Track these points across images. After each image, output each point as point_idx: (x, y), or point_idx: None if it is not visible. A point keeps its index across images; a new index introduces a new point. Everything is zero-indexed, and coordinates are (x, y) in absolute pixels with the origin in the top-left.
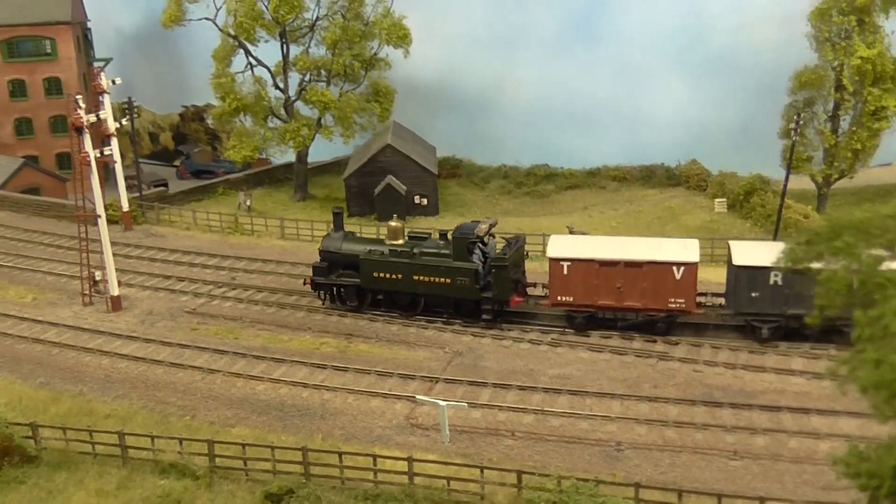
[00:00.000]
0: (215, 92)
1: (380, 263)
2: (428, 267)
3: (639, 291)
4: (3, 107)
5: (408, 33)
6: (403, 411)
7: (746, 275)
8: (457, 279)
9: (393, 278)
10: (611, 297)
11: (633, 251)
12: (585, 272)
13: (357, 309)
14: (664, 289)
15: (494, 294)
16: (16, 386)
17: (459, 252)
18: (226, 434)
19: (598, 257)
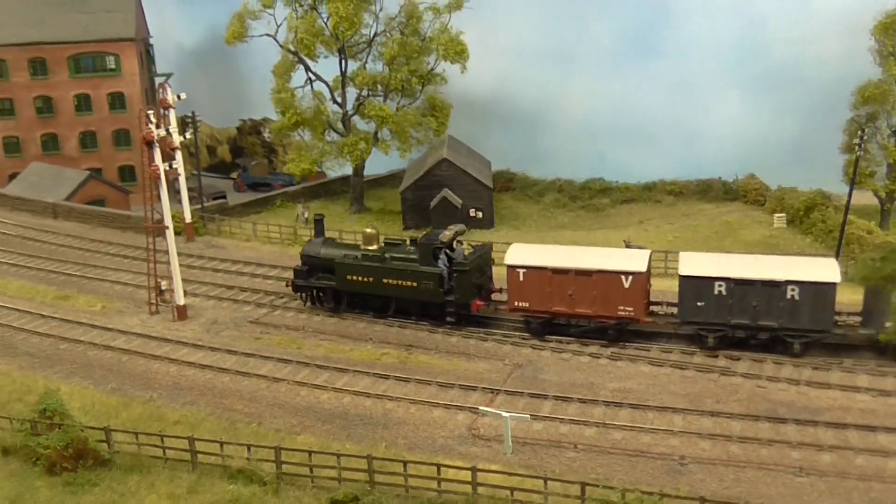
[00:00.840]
0: (275, 107)
1: (353, 267)
2: (396, 271)
3: (589, 299)
4: (69, 121)
5: (465, 48)
6: (465, 422)
7: (692, 284)
8: (422, 283)
9: (365, 281)
10: (563, 303)
11: (583, 260)
12: (539, 279)
13: (334, 310)
14: (613, 297)
15: (457, 298)
16: (88, 391)
17: (425, 257)
18: (291, 441)
19: (550, 265)
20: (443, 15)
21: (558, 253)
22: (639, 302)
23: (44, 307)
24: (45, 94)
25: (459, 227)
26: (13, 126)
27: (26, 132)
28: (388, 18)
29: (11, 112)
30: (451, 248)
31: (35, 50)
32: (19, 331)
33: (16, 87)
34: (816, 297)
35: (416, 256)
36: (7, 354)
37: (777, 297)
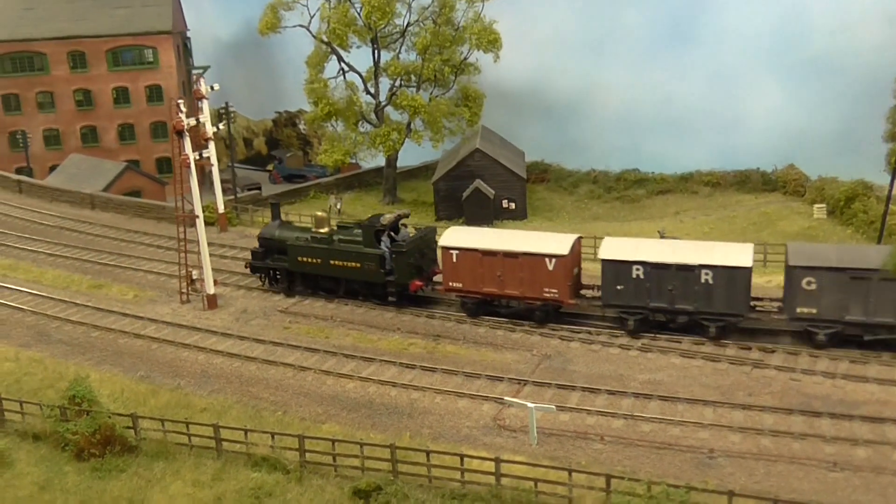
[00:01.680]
0: (308, 97)
1: (303, 249)
2: (342, 252)
3: (517, 280)
4: (107, 113)
5: (498, 38)
6: (491, 412)
7: (612, 268)
8: (365, 264)
9: (314, 262)
10: (493, 284)
11: (511, 243)
12: (471, 261)
13: (288, 290)
14: (539, 279)
15: (396, 278)
16: (118, 378)
17: (368, 239)
18: (316, 430)
19: (479, 247)
20: (476, 4)
21: (490, 236)
22: (563, 284)
23: (78, 296)
24: (84, 87)
25: (403, 212)
26: (54, 119)
27: (66, 125)
28: (421, 8)
29: (52, 105)
30: (396, 230)
31: (75, 43)
32: (53, 319)
33: (56, 80)
34: (730, 281)
35: (361, 239)
36: (41, 342)
37: (692, 281)
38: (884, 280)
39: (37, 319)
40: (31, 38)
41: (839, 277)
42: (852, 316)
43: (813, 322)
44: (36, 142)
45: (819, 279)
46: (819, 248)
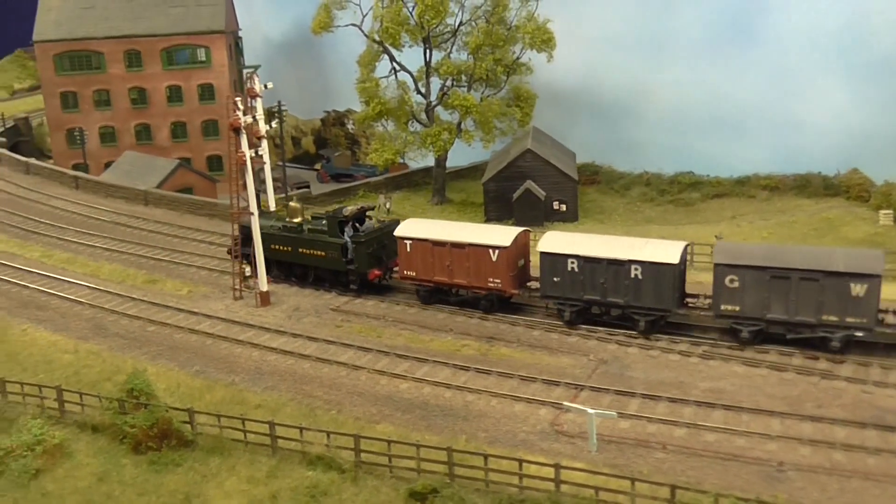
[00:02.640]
0: (360, 96)
1: (275, 237)
2: (309, 241)
3: (464, 270)
4: (161, 111)
5: (552, 37)
6: (548, 417)
7: (549, 261)
8: (329, 252)
9: (285, 250)
10: (443, 273)
11: (459, 234)
12: (423, 251)
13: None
14: (484, 269)
15: (356, 267)
16: (174, 373)
17: (332, 230)
18: (371, 430)
19: (430, 238)
20: (530, 3)
21: (441, 227)
22: (505, 275)
23: (134, 290)
24: (139, 85)
25: (367, 206)
26: (109, 116)
27: (121, 122)
28: (474, 7)
29: (108, 103)
30: (362, 222)
31: (130, 43)
32: (110, 312)
33: (112, 78)
34: (657, 277)
35: (326, 229)
36: (98, 335)
37: (622, 275)
38: (803, 280)
39: (94, 312)
40: (89, 37)
41: (760, 276)
42: (774, 314)
43: (737, 319)
44: (92, 139)
45: (741, 277)
46: (745, 247)
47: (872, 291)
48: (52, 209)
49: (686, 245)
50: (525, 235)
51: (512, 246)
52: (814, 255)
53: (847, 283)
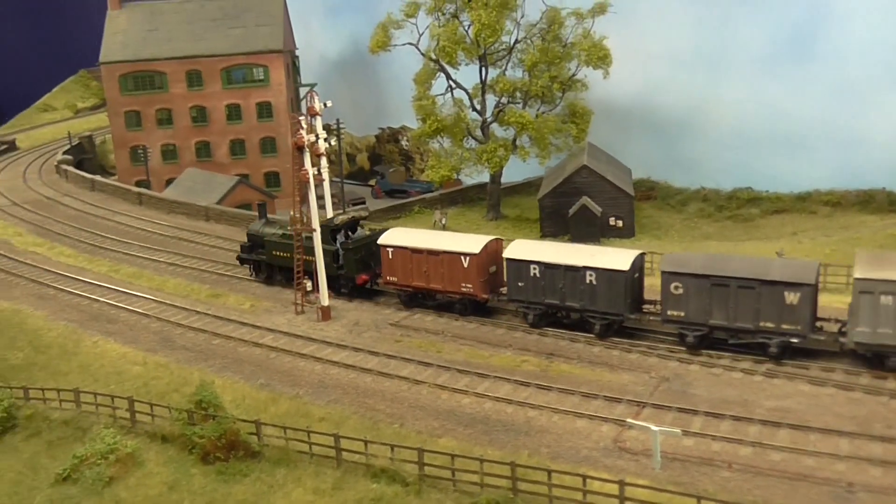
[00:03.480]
0: (417, 114)
1: (276, 244)
2: (305, 248)
3: (440, 275)
4: (220, 129)
5: (608, 54)
6: (610, 434)
7: (514, 267)
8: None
9: (284, 256)
10: (421, 279)
11: (435, 242)
12: (403, 257)
13: (267, 280)
14: (457, 274)
15: (345, 272)
16: (239, 385)
17: (325, 237)
18: (433, 444)
19: (408, 245)
20: (586, 20)
21: (419, 236)
22: (476, 280)
23: (198, 304)
24: (199, 104)
25: (359, 214)
26: (171, 135)
27: (182, 140)
28: (529, 25)
29: (170, 122)
30: (354, 230)
31: (192, 63)
32: (176, 326)
33: (174, 97)
34: (610, 283)
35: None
36: (166, 347)
37: (578, 281)
38: (741, 287)
39: (161, 326)
40: (153, 58)
41: (702, 283)
42: (715, 320)
43: (682, 324)
44: (154, 156)
45: (685, 284)
46: (690, 256)
47: (805, 300)
48: (117, 225)
49: (640, 254)
50: (496, 244)
51: (482, 253)
52: (752, 264)
53: (782, 291)
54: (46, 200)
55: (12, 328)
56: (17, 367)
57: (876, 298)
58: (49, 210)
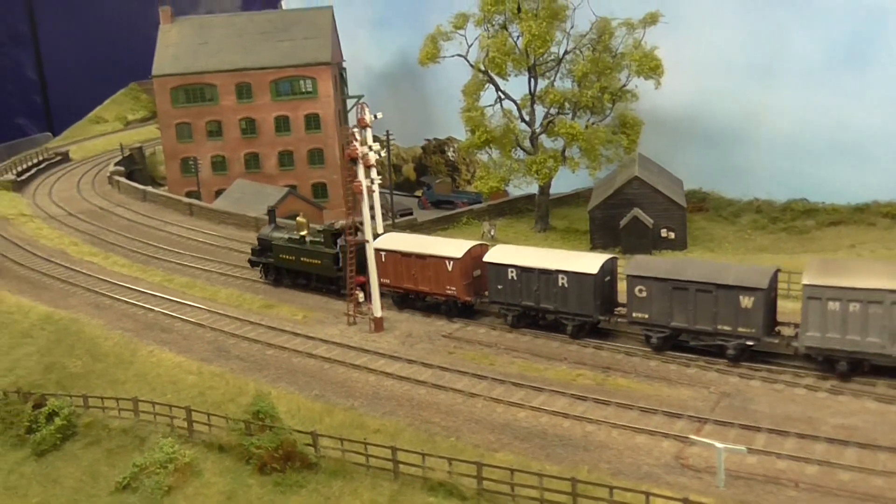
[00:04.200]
0: (466, 125)
1: (283, 248)
2: (309, 251)
3: (427, 278)
4: (269, 141)
5: (660, 64)
6: (671, 450)
7: (494, 270)
8: (324, 261)
9: (291, 259)
10: (410, 281)
11: (422, 247)
12: (395, 261)
13: (275, 282)
14: (442, 277)
15: (344, 273)
16: (294, 396)
17: (327, 241)
18: (490, 458)
19: (399, 249)
20: (637, 30)
21: (409, 240)
22: (459, 283)
23: (251, 314)
24: (249, 116)
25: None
26: (221, 146)
27: (232, 152)
28: (579, 36)
29: (220, 133)
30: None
31: (242, 75)
32: (230, 336)
33: (224, 110)
34: (580, 285)
35: (322, 241)
36: (220, 357)
37: (551, 283)
38: (699, 291)
39: (215, 335)
40: (203, 70)
41: (664, 287)
42: (677, 322)
43: (646, 326)
44: (204, 167)
45: (648, 288)
46: (654, 260)
47: (759, 304)
48: (169, 235)
49: (611, 258)
50: (480, 249)
51: (465, 257)
52: (710, 269)
53: (737, 295)
54: (100, 211)
55: (70, 336)
56: (75, 374)
57: (824, 304)
58: (103, 220)
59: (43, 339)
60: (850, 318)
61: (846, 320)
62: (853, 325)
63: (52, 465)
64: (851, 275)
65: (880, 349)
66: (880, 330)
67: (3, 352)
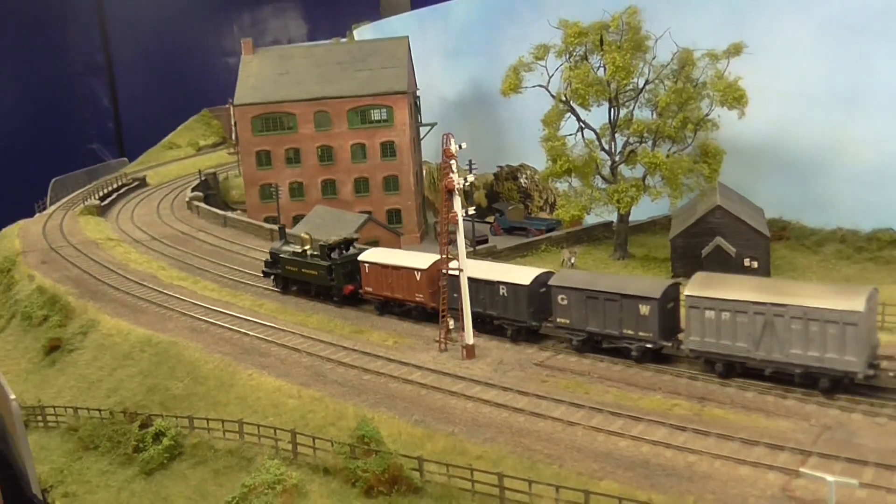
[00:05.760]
0: (547, 154)
1: (289, 260)
2: (308, 263)
3: (400, 287)
4: (346, 168)
5: (744, 94)
6: (777, 482)
7: (451, 281)
8: (320, 272)
9: (294, 270)
10: (388, 289)
11: (396, 260)
12: (376, 272)
13: (283, 290)
14: (412, 286)
15: (335, 283)
16: (394, 421)
17: (322, 255)
18: (595, 486)
19: (379, 262)
20: (720, 60)
21: (387, 254)
22: (426, 291)
23: (343, 340)
24: (326, 143)
25: (351, 235)
26: (299, 173)
27: (309, 178)
28: (660, 66)
29: (297, 160)
30: (348, 248)
31: (320, 104)
32: (326, 360)
33: (302, 137)
34: (516, 295)
35: (319, 254)
36: (318, 381)
37: (495, 293)
38: (607, 300)
39: (312, 360)
40: (283, 100)
41: (579, 296)
42: (591, 327)
43: (568, 330)
44: (282, 193)
45: (568, 296)
46: (575, 274)
47: (654, 311)
48: (252, 260)
49: (546, 272)
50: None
51: (431, 269)
52: (617, 281)
53: (636, 304)
54: (182, 235)
55: (171, 359)
56: (178, 396)
57: (701, 313)
58: (186, 245)
59: (144, 361)
60: (723, 325)
61: (720, 327)
62: (725, 331)
63: (161, 484)
64: (725, 288)
65: (747, 353)
66: (746, 336)
67: (106, 373)
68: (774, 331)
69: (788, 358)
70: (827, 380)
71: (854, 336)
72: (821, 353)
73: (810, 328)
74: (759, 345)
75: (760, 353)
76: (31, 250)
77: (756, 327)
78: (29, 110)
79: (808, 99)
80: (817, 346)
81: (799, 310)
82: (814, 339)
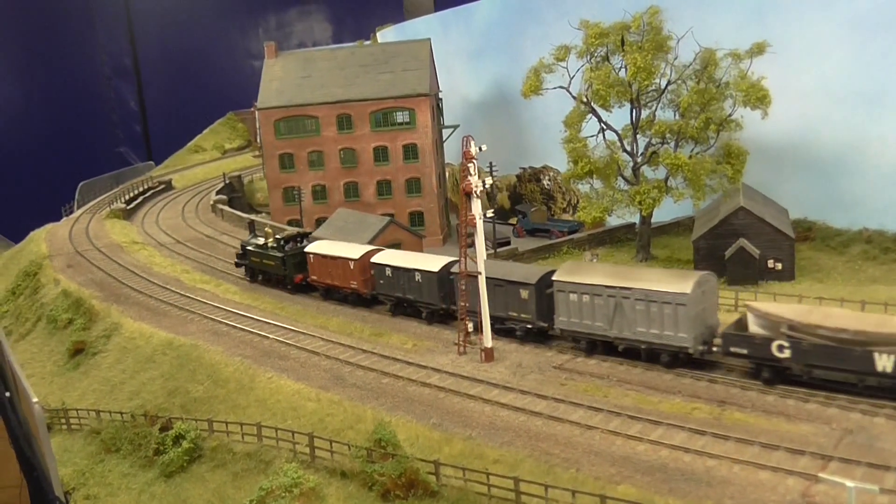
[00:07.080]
0: (569, 156)
1: (253, 252)
2: (268, 255)
3: (338, 275)
4: (369, 170)
5: (767, 94)
6: (797, 487)
7: (378, 269)
8: (276, 262)
9: (258, 261)
10: (329, 277)
11: (334, 251)
12: (319, 262)
13: (251, 280)
14: (347, 274)
15: (287, 273)
16: (412, 424)
17: (278, 247)
18: (612, 490)
19: (321, 253)
20: (744, 60)
21: (329, 246)
22: (359, 279)
23: (362, 343)
24: (349, 146)
25: (304, 230)
26: (321, 176)
27: (332, 181)
28: (682, 66)
29: (320, 163)
30: (302, 241)
31: (343, 107)
32: (345, 364)
33: (325, 140)
34: (428, 281)
35: (276, 246)
36: (337, 385)
37: (412, 279)
38: (497, 286)
39: (331, 364)
40: (306, 103)
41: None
42: (493, 311)
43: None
44: (305, 196)
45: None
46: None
47: (532, 295)
48: None
49: (451, 261)
50: (375, 252)
51: (363, 258)
52: (507, 268)
53: (518, 289)
54: (206, 239)
55: (192, 362)
56: (198, 399)
57: (567, 296)
58: (210, 248)
59: (166, 364)
60: (584, 307)
61: (581, 309)
62: (586, 312)
63: (181, 486)
64: (586, 274)
65: (604, 331)
66: (602, 316)
67: (128, 376)
68: (623, 311)
69: (636, 335)
70: (666, 355)
71: (685, 315)
72: (660, 331)
73: (651, 309)
74: (612, 324)
75: (614, 332)
76: (57, 254)
77: (609, 309)
78: (58, 114)
79: (832, 98)
80: (657, 324)
81: (641, 292)
82: (654, 318)
